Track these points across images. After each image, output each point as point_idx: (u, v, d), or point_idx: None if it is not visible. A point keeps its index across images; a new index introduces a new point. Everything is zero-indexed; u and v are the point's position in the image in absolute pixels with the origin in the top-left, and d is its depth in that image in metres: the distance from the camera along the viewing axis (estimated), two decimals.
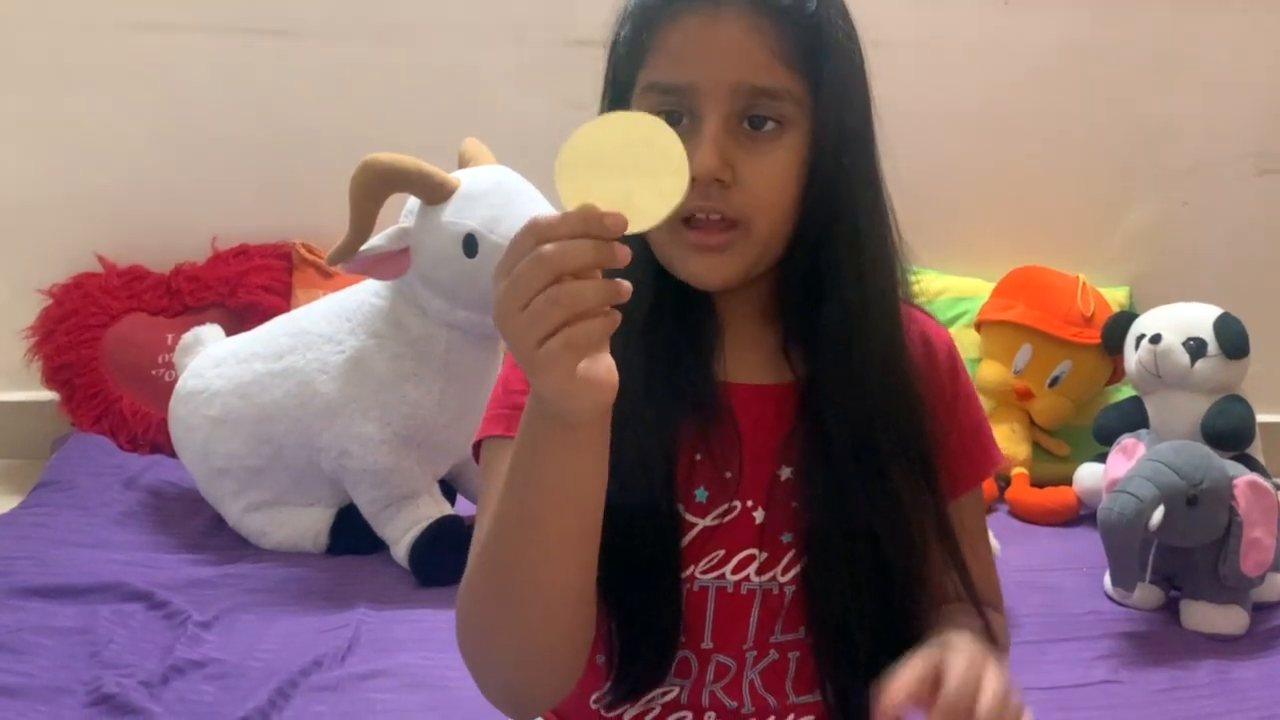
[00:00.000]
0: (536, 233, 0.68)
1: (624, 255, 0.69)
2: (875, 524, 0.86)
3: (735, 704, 0.92)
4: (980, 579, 0.93)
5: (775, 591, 0.89)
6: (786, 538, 0.89)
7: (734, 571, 0.89)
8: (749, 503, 0.89)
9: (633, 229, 0.68)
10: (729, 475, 0.88)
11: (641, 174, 0.70)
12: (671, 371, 0.87)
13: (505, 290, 0.68)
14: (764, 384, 0.90)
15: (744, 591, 0.90)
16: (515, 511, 0.77)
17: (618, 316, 0.69)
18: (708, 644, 0.91)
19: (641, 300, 0.84)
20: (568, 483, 0.75)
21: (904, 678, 0.74)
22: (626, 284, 0.69)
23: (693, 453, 0.87)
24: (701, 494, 0.88)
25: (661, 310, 0.88)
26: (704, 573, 0.89)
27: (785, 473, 0.89)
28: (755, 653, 0.91)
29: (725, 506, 0.88)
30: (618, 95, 0.88)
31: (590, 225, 0.68)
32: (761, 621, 0.90)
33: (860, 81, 0.87)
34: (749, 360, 0.90)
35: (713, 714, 0.92)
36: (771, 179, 0.83)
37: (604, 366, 0.70)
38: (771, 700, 0.92)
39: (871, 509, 0.86)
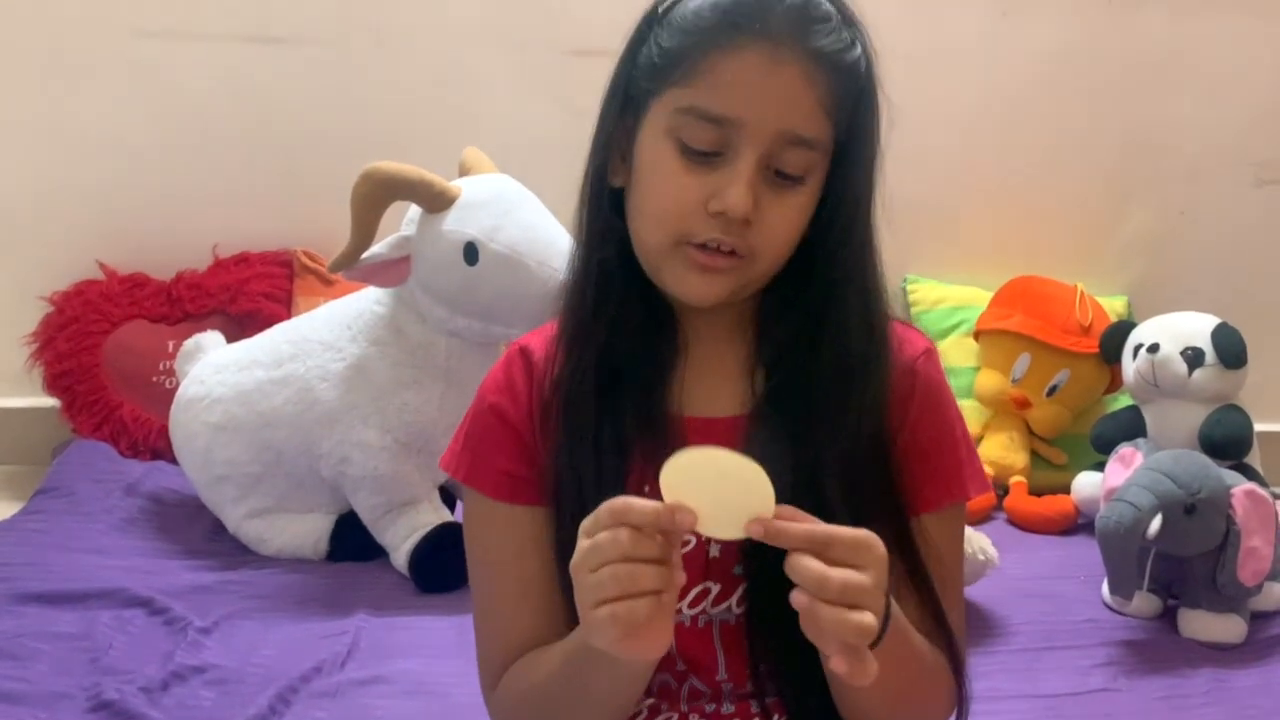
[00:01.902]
0: (622, 515, 0.74)
1: (681, 578, 0.75)
2: None
3: (713, 707, 0.93)
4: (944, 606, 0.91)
5: (732, 622, 0.90)
6: (738, 570, 0.90)
7: (690, 605, 0.90)
8: (703, 535, 0.89)
9: (704, 531, 0.76)
10: None
11: (732, 498, 0.75)
12: (628, 396, 0.89)
13: (583, 551, 0.75)
14: (717, 417, 0.90)
15: (701, 624, 0.91)
16: (565, 684, 0.86)
17: (670, 601, 0.75)
18: (681, 666, 0.92)
19: (607, 312, 0.87)
20: (613, 686, 0.85)
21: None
22: (681, 576, 0.75)
23: (643, 483, 0.88)
24: None
25: (627, 325, 0.89)
26: None
27: None
28: (731, 684, 0.92)
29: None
30: (631, 103, 0.87)
31: (664, 520, 0.74)
32: (729, 651, 0.91)
33: (878, 130, 0.89)
34: (706, 387, 0.91)
35: (695, 716, 0.94)
36: (789, 224, 0.85)
37: (654, 632, 0.75)
38: (753, 704, 0.93)
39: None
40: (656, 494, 0.80)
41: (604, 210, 0.89)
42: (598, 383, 0.89)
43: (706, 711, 0.93)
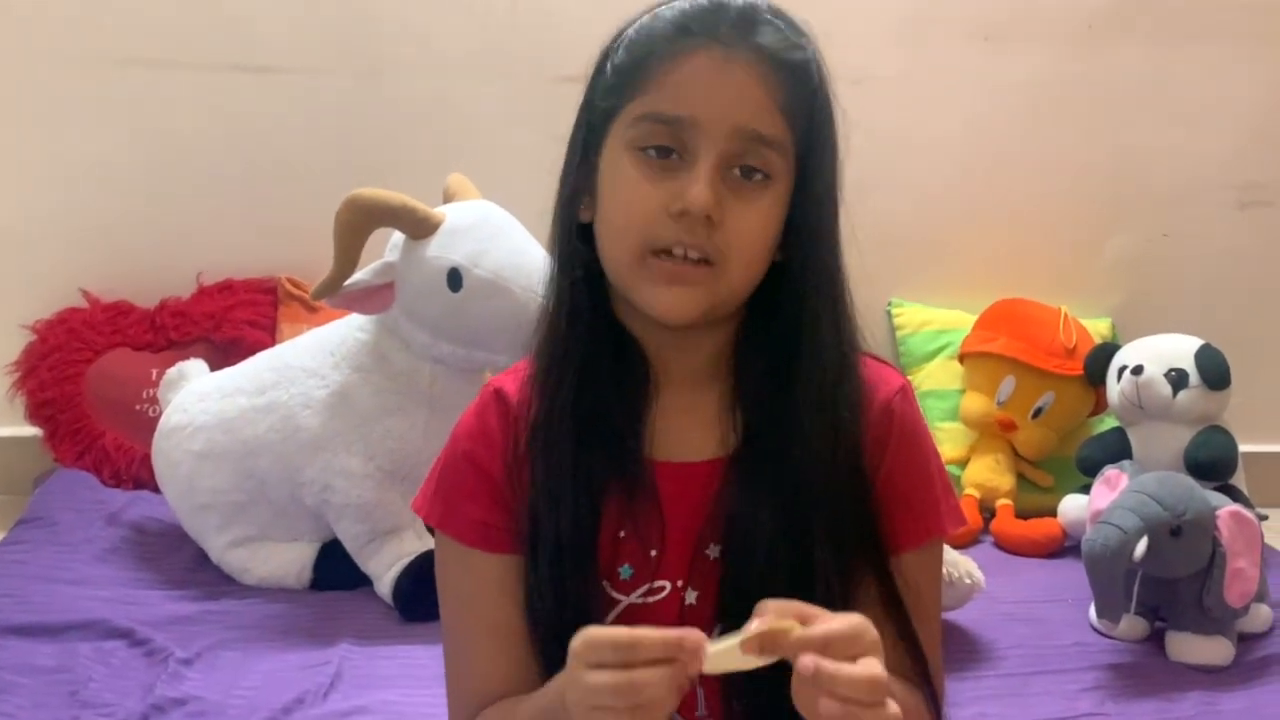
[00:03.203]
0: (629, 650, 0.72)
1: (685, 687, 0.74)
2: (827, 594, 0.85)
3: None
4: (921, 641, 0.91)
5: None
6: (716, 617, 0.89)
7: None
8: (678, 582, 0.90)
9: (713, 669, 0.74)
10: (653, 554, 0.89)
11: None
12: (600, 441, 0.88)
13: (585, 684, 0.73)
14: (692, 461, 0.90)
15: None
16: None
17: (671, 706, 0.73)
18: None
19: (576, 354, 0.87)
20: None
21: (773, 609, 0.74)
22: (685, 685, 0.73)
23: (617, 529, 0.87)
24: (626, 571, 0.90)
25: (597, 368, 0.89)
26: None
27: (713, 551, 0.89)
28: None
29: (648, 586, 0.89)
30: (595, 126, 0.87)
31: (672, 651, 0.72)
32: (709, 692, 0.91)
33: (835, 142, 0.89)
34: (680, 431, 0.91)
35: None
36: (754, 228, 0.85)
37: None
38: None
39: (801, 583, 0.84)
40: (633, 542, 0.80)
41: (573, 246, 0.89)
42: (574, 427, 0.88)
43: None
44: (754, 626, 0.73)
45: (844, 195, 0.90)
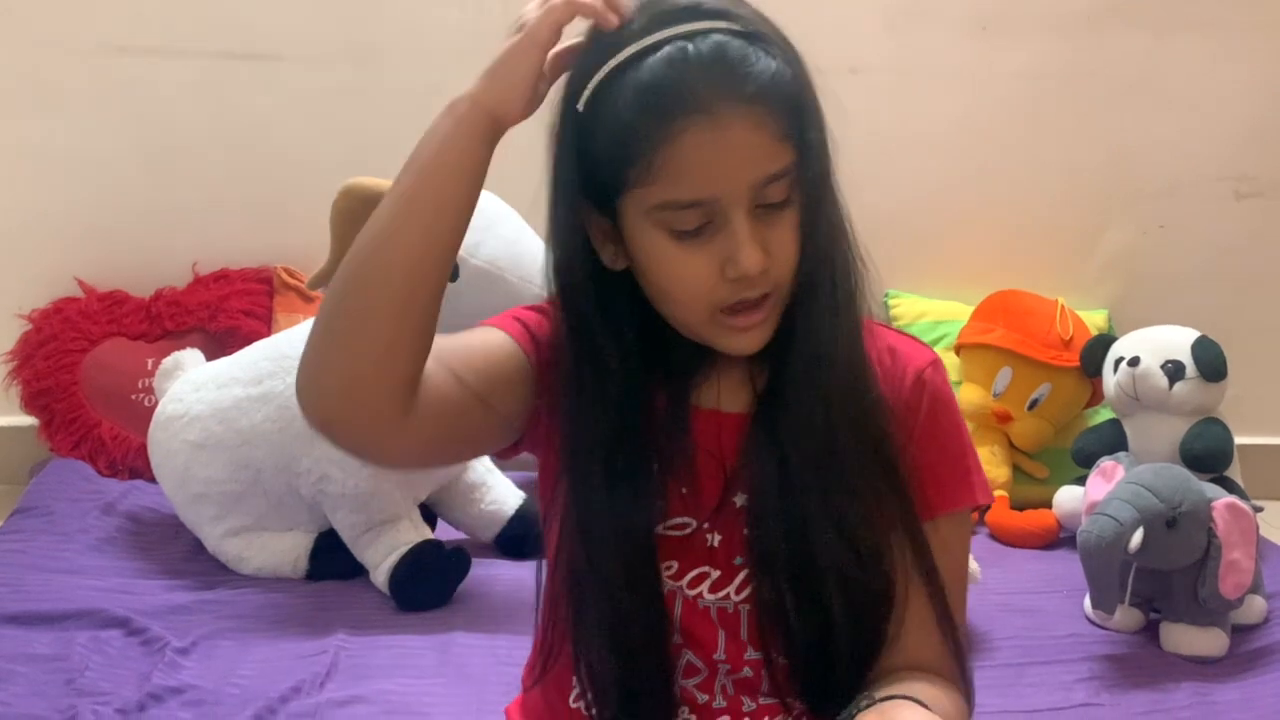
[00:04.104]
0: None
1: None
2: (835, 552, 0.87)
3: (706, 698, 0.94)
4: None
5: (730, 610, 0.92)
6: (738, 560, 0.91)
7: (690, 586, 0.92)
8: (705, 525, 0.91)
9: None
10: (684, 491, 0.91)
11: None
12: (646, 383, 0.90)
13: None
14: (728, 411, 0.92)
15: (700, 606, 0.92)
16: (401, 188, 0.87)
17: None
18: (678, 639, 0.93)
19: (629, 340, 0.88)
20: (462, 171, 0.88)
21: None
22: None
23: (650, 463, 0.89)
24: (657, 504, 0.91)
25: (648, 340, 0.90)
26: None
27: (740, 500, 0.91)
28: (728, 666, 0.93)
29: (679, 521, 0.91)
30: (601, 204, 0.86)
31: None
32: (729, 637, 0.92)
33: (822, 116, 0.88)
34: (718, 386, 0.92)
35: (685, 708, 0.94)
36: (791, 243, 0.86)
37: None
38: (746, 701, 0.94)
39: (833, 535, 0.87)
40: (664, 476, 0.86)
41: (604, 300, 0.88)
42: (632, 384, 0.89)
43: (699, 704, 0.94)
44: None
45: (839, 185, 0.90)
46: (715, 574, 0.92)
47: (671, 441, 0.90)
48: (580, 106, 0.84)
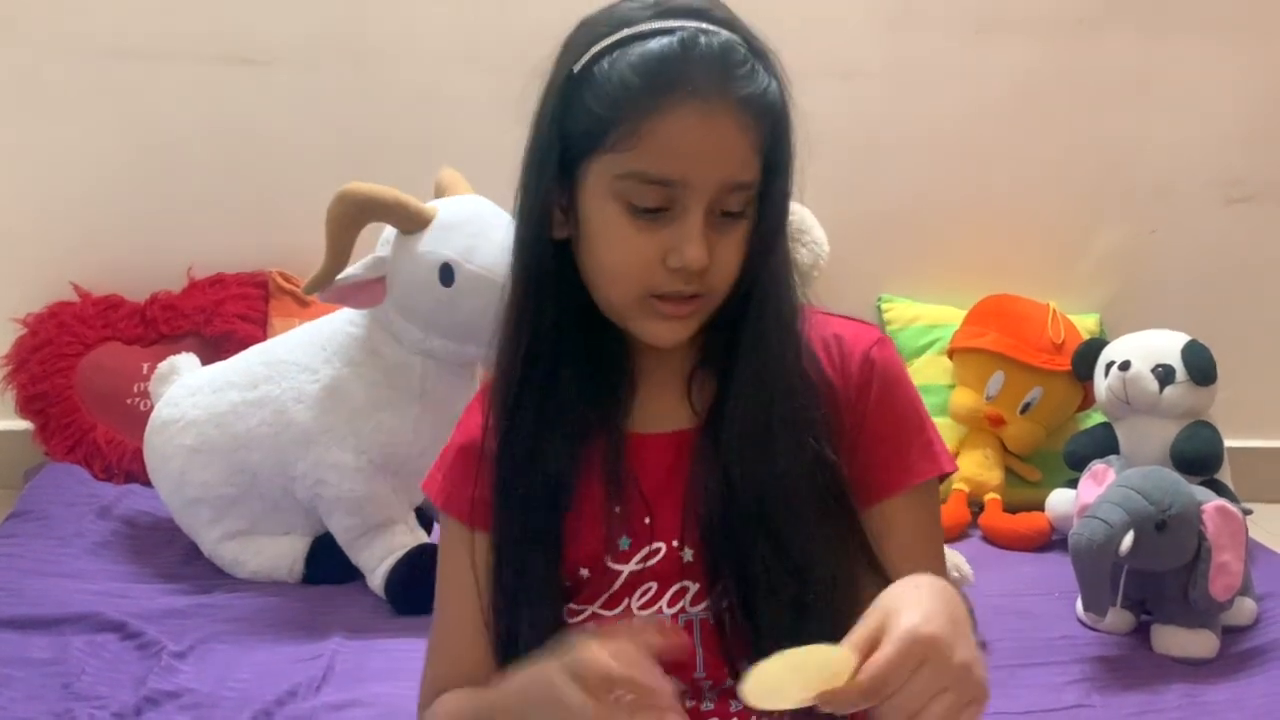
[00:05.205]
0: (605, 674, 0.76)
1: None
2: (790, 549, 0.88)
3: (693, 703, 0.94)
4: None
5: (711, 621, 0.92)
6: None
7: (669, 604, 0.92)
8: (674, 543, 0.92)
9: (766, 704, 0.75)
10: (647, 521, 0.92)
11: (815, 670, 0.74)
12: (576, 421, 0.91)
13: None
14: (669, 431, 0.93)
15: (681, 623, 0.92)
16: None
17: None
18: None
19: (547, 343, 0.90)
20: None
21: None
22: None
23: (611, 504, 0.90)
24: (625, 542, 0.92)
25: (569, 354, 0.91)
26: (641, 608, 0.92)
27: (700, 507, 0.91)
28: (710, 681, 0.93)
29: (646, 550, 0.92)
30: (571, 150, 0.86)
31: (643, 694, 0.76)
32: (707, 649, 0.92)
33: (794, 152, 0.89)
34: (658, 405, 0.94)
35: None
36: (735, 256, 0.88)
37: None
38: (734, 703, 0.94)
39: (781, 537, 0.88)
40: (624, 514, 0.82)
41: (546, 265, 0.90)
42: (535, 420, 0.91)
43: (685, 708, 0.93)
44: (798, 696, 0.73)
45: (832, 190, 0.91)
46: (694, 587, 0.92)
47: (621, 476, 0.91)
48: (575, 69, 0.86)
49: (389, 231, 1.82)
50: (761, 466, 0.88)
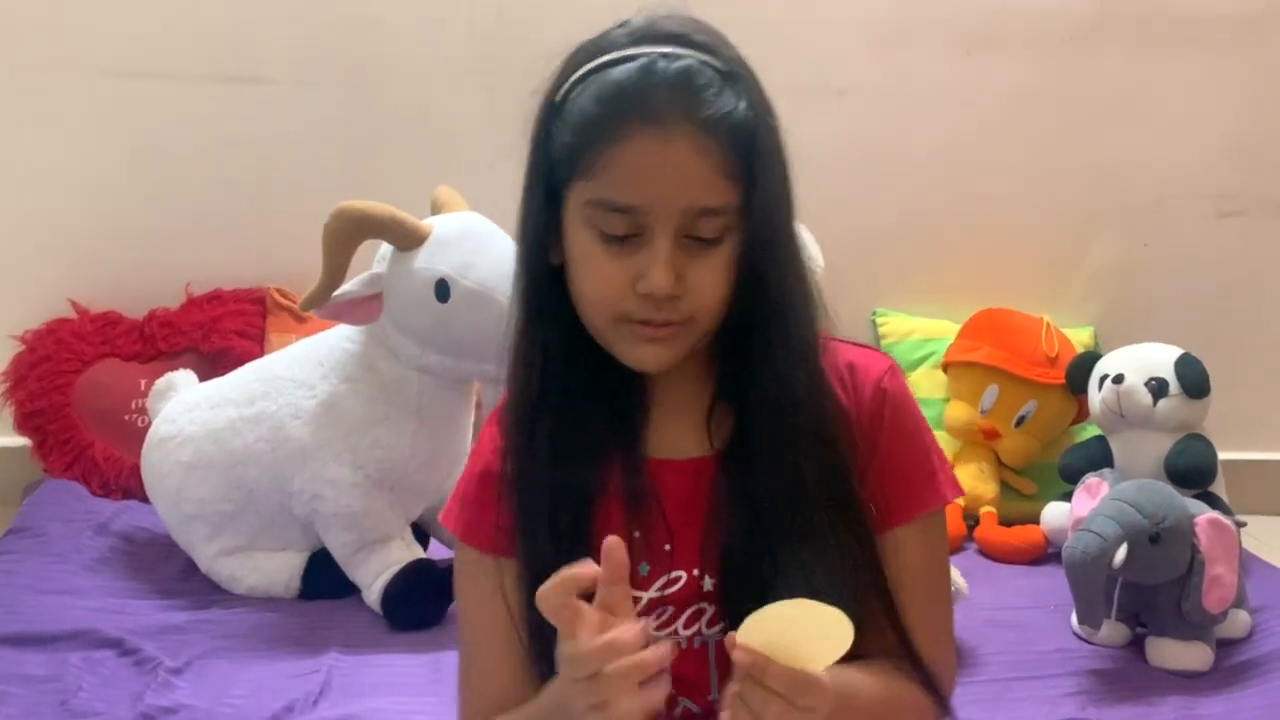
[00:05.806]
0: (570, 584, 0.79)
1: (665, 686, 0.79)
2: (812, 580, 0.87)
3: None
4: (926, 615, 0.93)
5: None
6: None
7: (685, 626, 0.93)
8: (694, 571, 0.92)
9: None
10: (667, 548, 0.92)
11: (813, 633, 0.77)
12: (594, 444, 0.91)
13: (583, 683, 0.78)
14: (687, 458, 0.93)
15: (697, 645, 0.93)
16: None
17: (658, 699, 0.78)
18: (671, 690, 0.92)
19: (557, 376, 0.90)
20: None
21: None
22: (665, 685, 0.79)
23: (630, 531, 0.90)
24: (644, 568, 0.92)
25: (581, 378, 0.91)
26: (656, 629, 0.92)
27: (722, 538, 0.91)
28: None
29: (666, 578, 0.92)
30: (556, 178, 0.87)
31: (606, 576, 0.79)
32: (722, 672, 0.92)
33: (785, 170, 0.88)
34: (674, 432, 0.93)
35: None
36: (715, 282, 0.86)
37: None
38: None
39: (803, 560, 0.87)
40: (644, 541, 0.85)
41: (543, 292, 0.91)
42: (550, 449, 0.91)
43: None
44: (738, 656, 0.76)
45: (826, 206, 0.91)
46: (710, 609, 0.92)
47: (641, 503, 0.91)
48: (556, 98, 0.88)
49: (385, 248, 1.83)
50: (785, 499, 0.88)
